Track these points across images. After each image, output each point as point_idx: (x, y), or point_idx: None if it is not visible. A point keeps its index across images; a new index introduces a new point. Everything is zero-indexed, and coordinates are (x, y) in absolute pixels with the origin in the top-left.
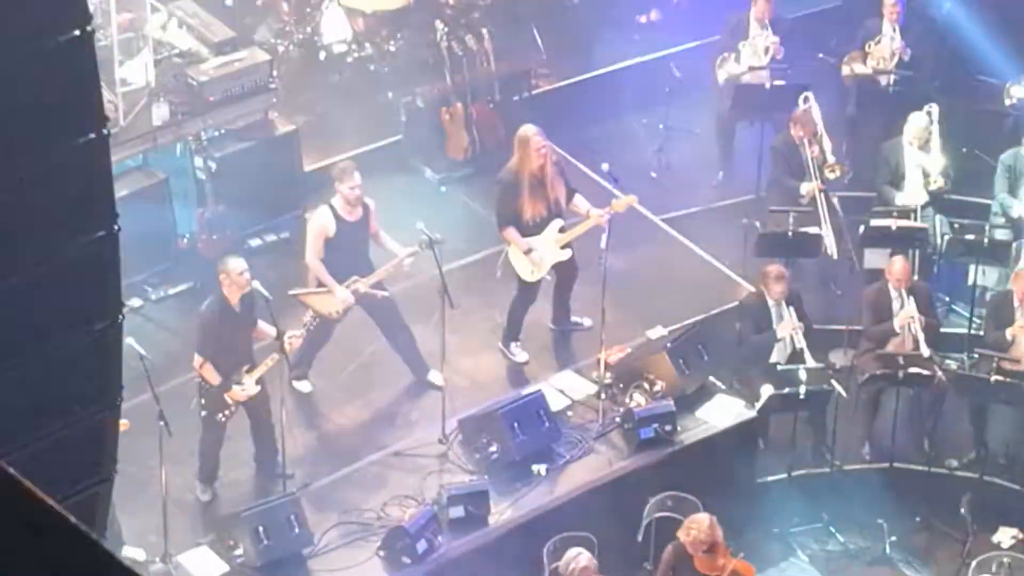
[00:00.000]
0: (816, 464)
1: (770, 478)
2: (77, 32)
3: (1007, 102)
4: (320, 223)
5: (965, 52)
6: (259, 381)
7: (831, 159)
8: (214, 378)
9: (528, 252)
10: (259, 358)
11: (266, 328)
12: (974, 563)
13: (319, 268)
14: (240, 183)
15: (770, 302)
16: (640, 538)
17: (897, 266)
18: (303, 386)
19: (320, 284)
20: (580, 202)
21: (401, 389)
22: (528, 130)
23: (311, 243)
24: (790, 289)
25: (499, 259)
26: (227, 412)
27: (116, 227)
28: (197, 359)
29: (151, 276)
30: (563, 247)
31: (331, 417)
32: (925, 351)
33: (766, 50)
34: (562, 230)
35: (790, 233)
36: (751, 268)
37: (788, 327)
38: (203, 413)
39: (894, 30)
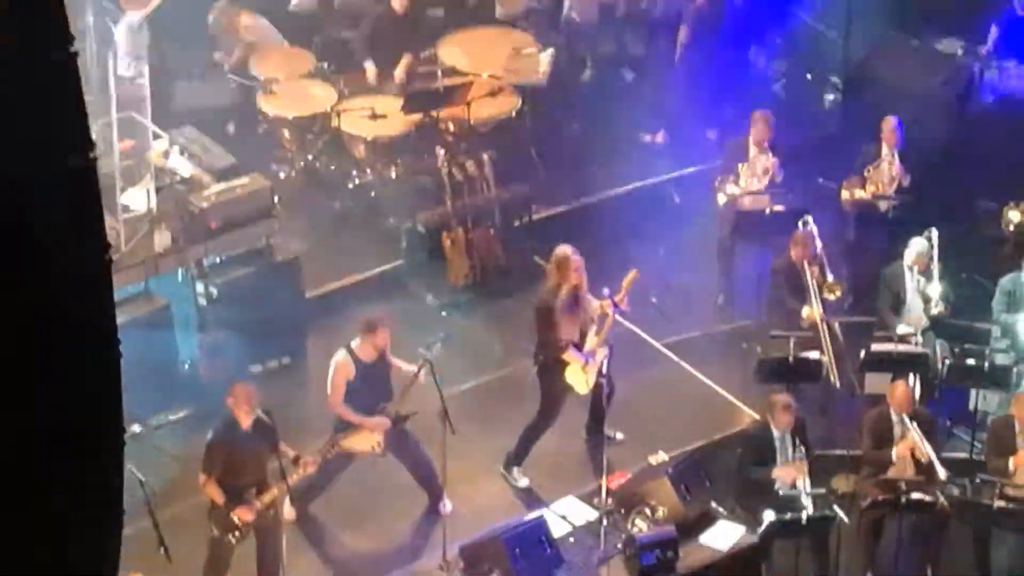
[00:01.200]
0: None
1: None
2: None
3: (1004, 226)
4: (340, 368)
5: (964, 176)
6: (271, 506)
7: (831, 279)
8: (218, 496)
9: (585, 365)
10: (272, 481)
11: (285, 450)
12: None
13: (345, 412)
14: (242, 309)
15: (775, 432)
16: None
17: (898, 391)
18: (288, 512)
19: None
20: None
21: (403, 515)
22: (565, 250)
23: (334, 389)
24: (796, 418)
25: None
26: (236, 533)
27: (118, 353)
28: (201, 477)
29: (152, 402)
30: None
31: (332, 543)
32: (943, 473)
33: (765, 171)
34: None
35: (791, 359)
36: (753, 393)
37: (790, 475)
38: (213, 533)
39: (893, 155)
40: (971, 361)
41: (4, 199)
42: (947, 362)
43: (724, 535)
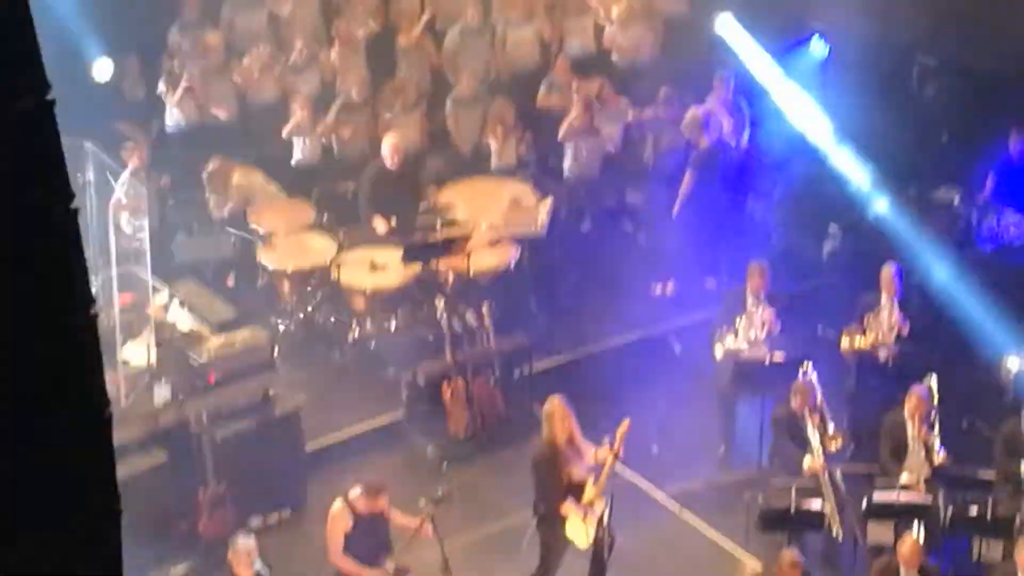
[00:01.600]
0: None
1: None
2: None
3: (1004, 375)
4: (337, 519)
5: (963, 325)
6: None
7: (832, 429)
8: None
9: (585, 517)
10: None
11: None
12: None
13: (345, 564)
14: (241, 462)
15: None
16: None
17: (907, 546)
18: None
19: None
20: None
21: None
22: (551, 402)
23: (331, 541)
24: (802, 573)
25: (526, 536)
26: None
27: (119, 509)
28: None
29: (152, 557)
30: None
31: None
32: None
33: (762, 323)
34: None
35: (793, 509)
36: (755, 543)
37: None
38: None
39: (892, 303)
40: (974, 510)
41: (4, 356)
42: (950, 511)
43: None
